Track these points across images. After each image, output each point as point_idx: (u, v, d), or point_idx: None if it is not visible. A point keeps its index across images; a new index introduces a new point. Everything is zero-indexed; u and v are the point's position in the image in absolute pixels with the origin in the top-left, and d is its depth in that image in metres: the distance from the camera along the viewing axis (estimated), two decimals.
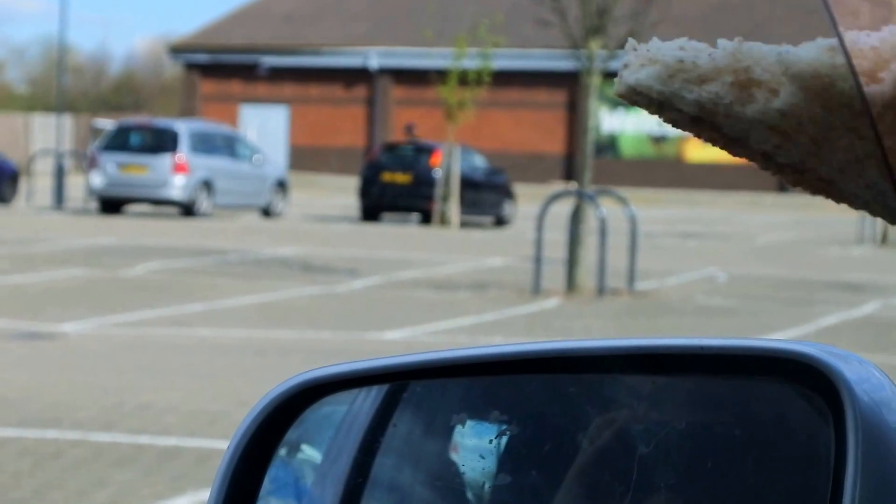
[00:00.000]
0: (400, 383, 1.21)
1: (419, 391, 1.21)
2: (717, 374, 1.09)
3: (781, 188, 40.26)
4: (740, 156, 0.91)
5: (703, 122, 0.89)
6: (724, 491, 1.08)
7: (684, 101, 0.89)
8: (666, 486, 1.08)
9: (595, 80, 15.01)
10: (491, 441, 1.15)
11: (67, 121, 42.73)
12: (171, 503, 5.77)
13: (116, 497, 5.84)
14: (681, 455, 1.09)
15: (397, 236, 22.30)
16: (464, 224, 25.22)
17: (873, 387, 1.03)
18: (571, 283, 14.40)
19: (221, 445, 6.75)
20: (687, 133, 0.95)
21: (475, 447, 1.16)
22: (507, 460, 1.15)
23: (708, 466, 1.08)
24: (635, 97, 0.90)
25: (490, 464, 1.15)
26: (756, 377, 1.07)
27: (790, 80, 0.86)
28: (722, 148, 0.90)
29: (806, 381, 1.05)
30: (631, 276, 14.53)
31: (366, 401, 1.22)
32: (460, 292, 14.16)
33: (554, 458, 1.13)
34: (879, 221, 23.93)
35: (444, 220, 24.92)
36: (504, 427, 1.16)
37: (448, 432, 1.18)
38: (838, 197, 0.90)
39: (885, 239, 23.49)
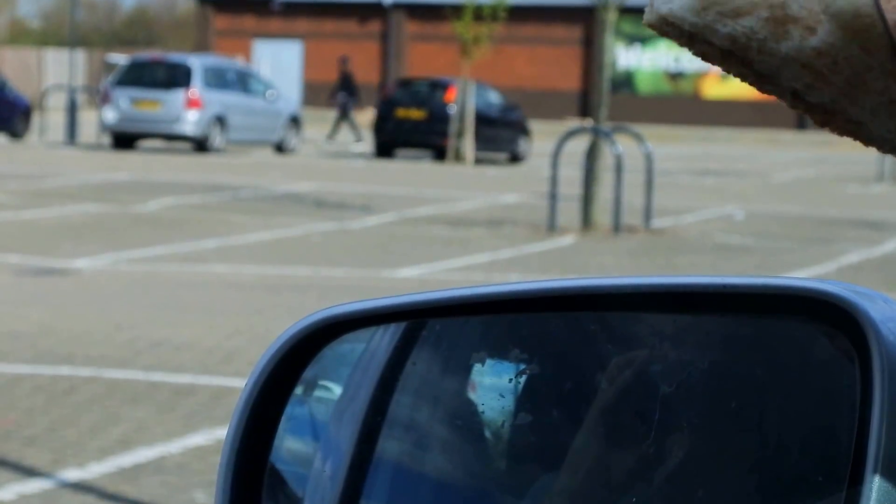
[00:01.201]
0: (418, 321, 1.20)
1: (438, 329, 1.20)
2: (740, 312, 1.07)
3: (800, 125, 39.98)
4: (769, 93, 0.89)
5: (733, 57, 0.87)
6: (747, 431, 1.06)
7: (717, 35, 0.86)
8: (689, 426, 1.07)
9: (611, 16, 14.84)
10: (510, 380, 1.14)
11: (80, 56, 42.60)
12: (185, 440, 5.75)
13: (130, 434, 5.82)
14: (703, 395, 1.08)
15: (411, 173, 22.22)
16: (478, 160, 25.11)
17: None
18: (587, 221, 14.32)
19: (236, 383, 6.73)
20: (712, 67, 0.90)
21: (494, 386, 1.15)
22: (527, 399, 1.14)
23: (731, 406, 1.07)
24: (665, 28, 0.87)
25: (509, 402, 1.14)
26: (779, 316, 1.06)
27: (829, 18, 0.84)
28: (751, 84, 0.88)
29: (830, 320, 1.03)
30: (647, 214, 14.45)
31: (384, 338, 1.21)
32: (475, 229, 14.11)
33: (575, 397, 1.12)
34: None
35: (458, 157, 24.82)
36: (524, 366, 1.14)
37: (467, 371, 1.17)
38: (867, 139, 0.88)
39: None
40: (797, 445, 1.04)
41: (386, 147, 26.26)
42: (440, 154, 25.51)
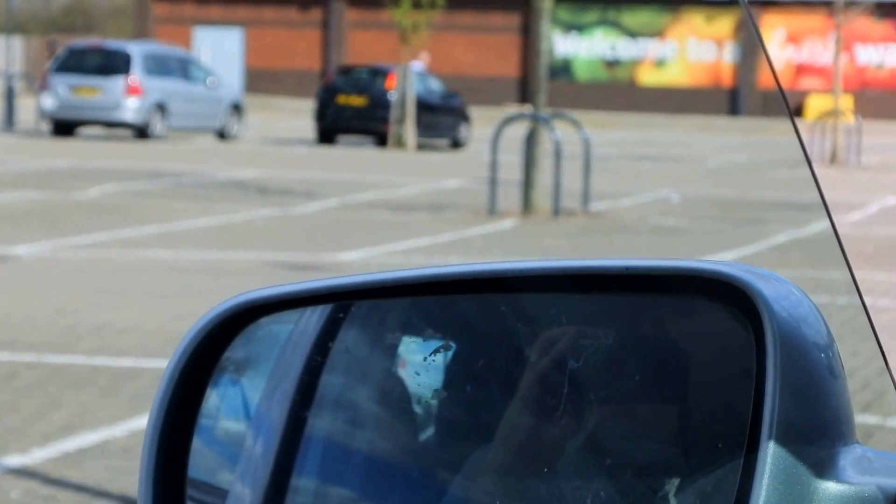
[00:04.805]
0: (343, 303, 1.23)
1: (360, 312, 1.23)
2: (645, 292, 1.13)
3: (733, 111, 40.31)
4: None
5: None
6: (652, 403, 1.11)
7: None
8: (596, 399, 1.12)
9: (547, 3, 14.97)
10: (425, 359, 1.18)
11: (18, 42, 42.16)
12: (129, 424, 5.77)
13: (73, 418, 5.83)
14: (610, 369, 1.12)
15: (353, 159, 22.24)
16: (420, 146, 25.16)
17: (791, 304, 1.08)
18: (527, 205, 14.45)
19: None
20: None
21: (413, 364, 1.19)
22: (443, 376, 1.18)
23: (636, 380, 1.11)
24: None
25: (427, 380, 1.18)
26: (681, 296, 1.11)
27: None
28: None
29: (728, 299, 1.09)
30: (585, 198, 14.59)
31: (311, 319, 1.24)
32: (417, 214, 14.18)
33: (487, 374, 1.16)
34: (828, 142, 24.08)
35: (400, 143, 24.86)
36: (440, 344, 1.18)
37: (388, 350, 1.21)
38: None
39: (834, 159, 23.72)
40: (697, 416, 1.09)
41: (328, 134, 26.25)
42: (382, 140, 25.53)
